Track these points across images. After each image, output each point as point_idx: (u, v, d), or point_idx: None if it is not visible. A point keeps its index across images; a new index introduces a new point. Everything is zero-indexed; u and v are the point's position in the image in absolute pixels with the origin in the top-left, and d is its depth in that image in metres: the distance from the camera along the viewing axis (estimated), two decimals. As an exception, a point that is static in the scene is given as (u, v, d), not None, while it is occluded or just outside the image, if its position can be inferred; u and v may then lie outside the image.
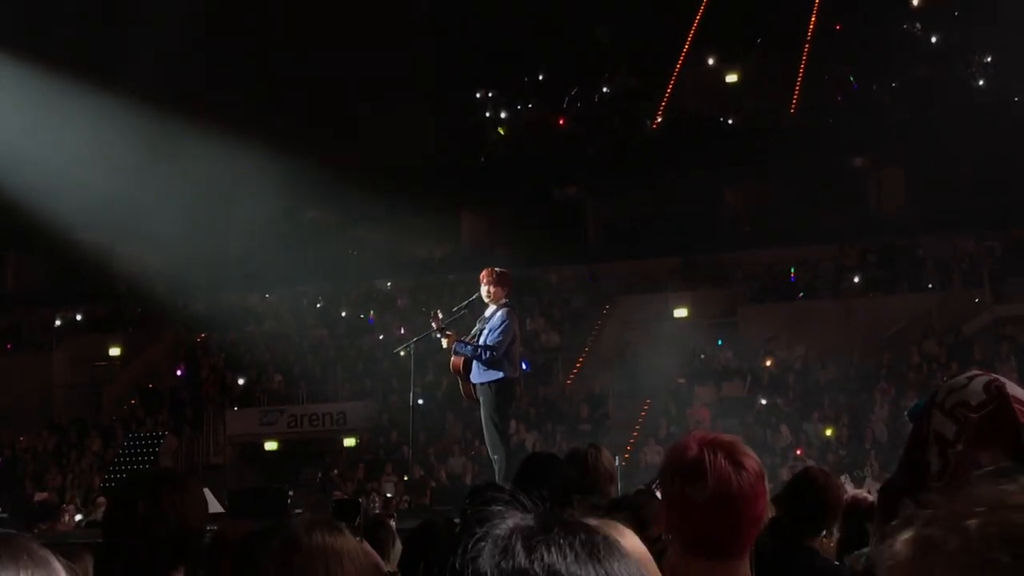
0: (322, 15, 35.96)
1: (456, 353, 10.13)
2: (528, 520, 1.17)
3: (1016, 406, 2.60)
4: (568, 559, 1.13)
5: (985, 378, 2.69)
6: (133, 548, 3.29)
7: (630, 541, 2.24)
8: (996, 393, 2.62)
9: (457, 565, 1.16)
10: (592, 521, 2.27)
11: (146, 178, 28.46)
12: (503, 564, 1.13)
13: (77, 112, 26.87)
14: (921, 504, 1.24)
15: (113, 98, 27.13)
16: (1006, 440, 2.58)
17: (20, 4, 27.85)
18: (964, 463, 2.58)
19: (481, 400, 10.02)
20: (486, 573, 1.13)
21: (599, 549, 1.16)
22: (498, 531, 1.16)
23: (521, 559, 1.13)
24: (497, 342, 9.88)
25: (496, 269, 10.32)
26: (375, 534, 5.09)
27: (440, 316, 10.35)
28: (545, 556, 1.13)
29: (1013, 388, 2.65)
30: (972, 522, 1.17)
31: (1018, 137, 29.45)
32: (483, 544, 1.16)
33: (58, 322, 35.50)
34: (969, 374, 2.73)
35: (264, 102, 33.72)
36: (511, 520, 1.18)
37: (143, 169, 28.46)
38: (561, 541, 1.14)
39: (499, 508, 1.22)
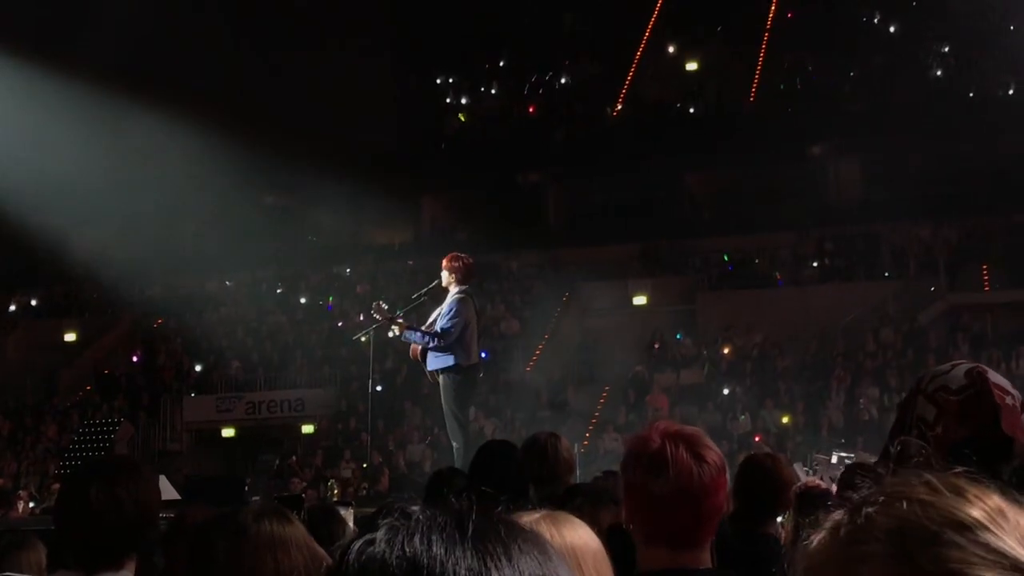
0: (285, 3, 35.71)
1: (406, 340, 10.11)
2: (418, 512, 1.16)
3: (996, 391, 2.64)
4: (433, 545, 1.11)
5: (968, 365, 2.74)
6: (86, 534, 3.25)
7: (580, 533, 2.24)
8: (977, 377, 2.66)
9: (335, 557, 1.17)
10: (535, 513, 2.26)
11: (102, 162, 28.12)
12: (363, 555, 1.13)
13: (32, 96, 26.53)
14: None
15: (69, 81, 26.80)
16: (985, 421, 2.62)
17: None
18: (942, 445, 2.61)
19: (440, 388, 10.00)
20: (347, 566, 1.13)
21: (472, 534, 1.13)
22: (379, 524, 1.16)
23: (380, 548, 1.12)
24: (445, 329, 9.85)
25: (459, 256, 10.28)
26: (324, 523, 5.04)
27: (384, 306, 10.25)
28: (405, 545, 1.12)
29: (995, 376, 2.69)
30: (868, 510, 1.16)
31: (974, 127, 29.78)
32: (356, 541, 1.16)
33: (13, 307, 35.13)
34: (955, 362, 2.79)
35: (222, 87, 33.43)
36: (397, 515, 1.17)
37: (99, 153, 28.12)
38: (427, 529, 1.13)
39: (406, 505, 1.21)
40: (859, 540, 1.15)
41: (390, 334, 10.24)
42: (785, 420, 24.48)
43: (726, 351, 27.68)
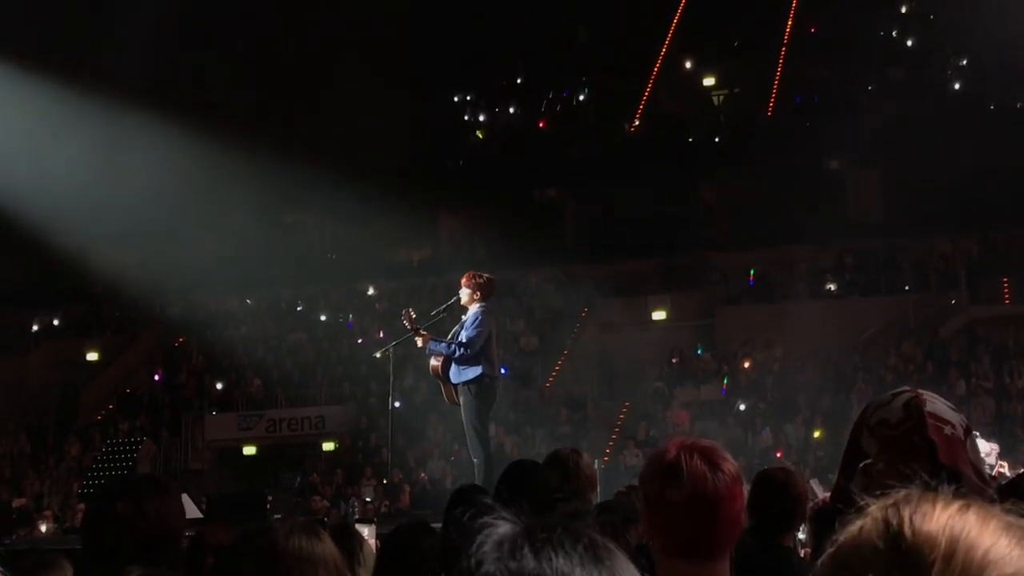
0: (301, 17, 35.88)
1: (431, 352, 10.14)
2: (530, 523, 1.19)
3: (931, 422, 2.61)
4: (574, 561, 1.15)
5: (908, 395, 2.70)
6: (113, 548, 3.29)
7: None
8: (914, 409, 2.64)
9: (465, 567, 1.17)
10: None
11: (124, 180, 28.30)
12: (511, 565, 1.15)
13: (54, 114, 26.69)
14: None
15: (90, 99, 26.97)
16: (921, 456, 2.59)
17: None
18: (883, 482, 2.59)
19: (461, 403, 10.03)
20: (494, 574, 1.14)
21: (602, 552, 1.18)
22: (502, 533, 1.18)
23: (529, 561, 1.15)
24: (470, 339, 9.89)
25: (478, 273, 10.32)
26: (342, 541, 5.06)
27: (413, 315, 10.33)
28: (553, 558, 1.15)
29: (934, 404, 2.65)
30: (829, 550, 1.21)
31: (993, 140, 29.68)
32: (486, 547, 1.17)
33: (35, 326, 35.29)
34: (896, 391, 2.74)
35: (244, 104, 33.63)
36: (510, 523, 1.19)
37: (121, 171, 28.29)
38: (567, 544, 1.16)
39: (489, 514, 1.23)
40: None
41: (419, 342, 10.28)
42: (817, 435, 24.31)
43: (746, 365, 27.61)
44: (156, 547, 3.32)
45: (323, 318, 33.16)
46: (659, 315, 30.55)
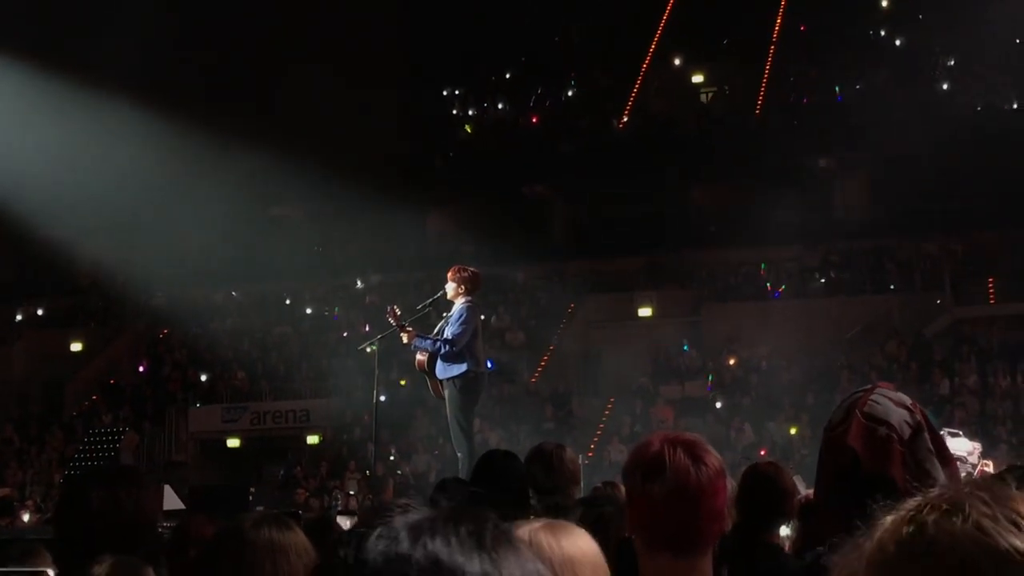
0: (291, 12, 35.80)
1: (416, 348, 10.13)
2: (426, 513, 1.20)
3: (861, 423, 2.58)
4: (452, 546, 1.16)
5: (853, 397, 2.68)
6: (86, 536, 3.28)
7: (579, 542, 2.26)
8: (848, 411, 2.62)
9: (343, 554, 1.19)
10: (535, 522, 2.29)
11: (108, 172, 28.19)
12: (386, 550, 1.16)
13: (39, 106, 26.60)
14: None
15: (76, 89, 26.87)
16: (847, 460, 2.57)
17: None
18: (830, 482, 2.58)
19: (446, 396, 10.02)
20: (368, 560, 1.16)
21: (486, 539, 1.17)
22: (391, 522, 1.19)
23: (404, 544, 1.16)
24: (456, 335, 9.88)
25: (465, 268, 10.30)
26: (321, 534, 5.05)
27: (398, 312, 10.32)
28: (429, 543, 1.16)
29: (877, 405, 2.62)
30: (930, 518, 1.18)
31: (980, 141, 29.77)
32: (373, 535, 1.18)
33: (19, 317, 35.16)
34: (856, 391, 2.72)
35: (230, 97, 33.53)
36: (410, 514, 1.21)
37: (106, 163, 28.19)
38: (446, 530, 1.16)
39: (406, 505, 1.26)
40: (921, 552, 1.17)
41: (404, 339, 10.25)
42: (793, 431, 24.43)
43: (731, 363, 27.66)
44: (130, 537, 3.31)
45: (308, 311, 33.11)
46: (645, 312, 30.59)
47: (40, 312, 35.44)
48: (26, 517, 17.75)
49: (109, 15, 30.57)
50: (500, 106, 41.62)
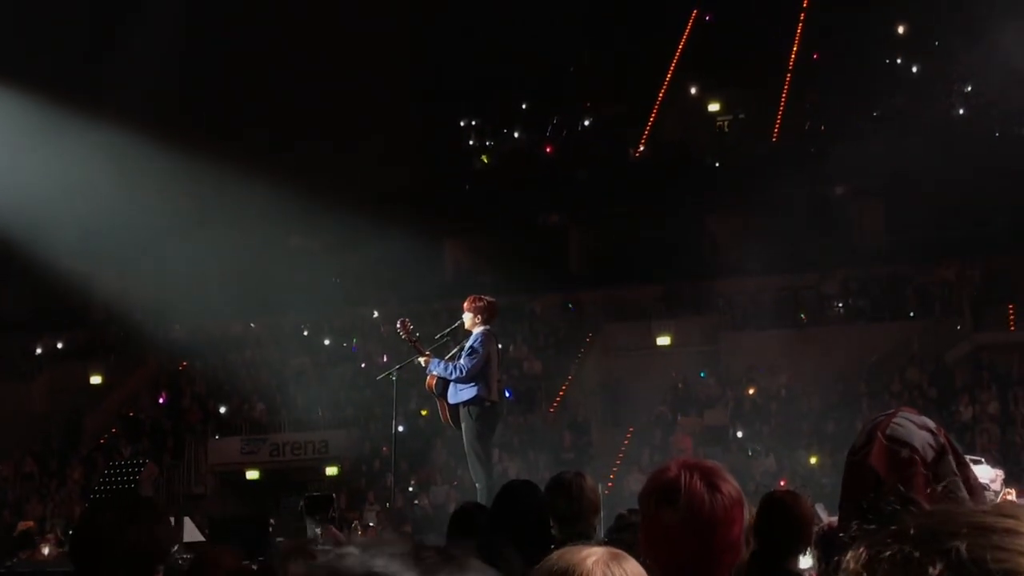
0: (308, 44, 36.02)
1: (430, 372, 10.15)
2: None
3: (884, 445, 2.55)
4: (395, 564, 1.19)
5: (875, 421, 2.65)
6: (101, 565, 3.29)
7: (632, 567, 2.24)
8: (872, 434, 2.59)
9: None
10: (597, 551, 2.28)
11: (127, 205, 28.35)
12: (338, 562, 1.22)
13: (58, 141, 26.77)
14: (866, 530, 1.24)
15: (93, 126, 27.04)
16: (869, 482, 2.54)
17: (3, 32, 27.79)
18: (852, 506, 2.55)
19: (463, 426, 10.01)
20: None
21: (427, 559, 1.20)
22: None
23: (352, 559, 1.22)
24: (468, 364, 9.89)
25: (481, 297, 10.32)
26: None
27: (410, 325, 10.34)
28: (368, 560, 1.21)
29: (899, 428, 2.59)
30: (957, 543, 1.15)
31: (997, 167, 29.68)
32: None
33: (39, 350, 35.27)
34: (878, 415, 2.69)
35: (248, 129, 33.72)
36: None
37: (124, 196, 28.35)
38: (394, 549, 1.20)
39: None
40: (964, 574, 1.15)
41: (422, 361, 10.26)
42: (813, 460, 24.28)
43: (751, 392, 27.55)
44: (145, 568, 3.32)
45: (327, 342, 33.13)
46: (663, 340, 30.51)
47: (60, 345, 35.56)
48: (46, 550, 17.75)
49: (127, 48, 30.81)
50: (516, 135, 41.75)
